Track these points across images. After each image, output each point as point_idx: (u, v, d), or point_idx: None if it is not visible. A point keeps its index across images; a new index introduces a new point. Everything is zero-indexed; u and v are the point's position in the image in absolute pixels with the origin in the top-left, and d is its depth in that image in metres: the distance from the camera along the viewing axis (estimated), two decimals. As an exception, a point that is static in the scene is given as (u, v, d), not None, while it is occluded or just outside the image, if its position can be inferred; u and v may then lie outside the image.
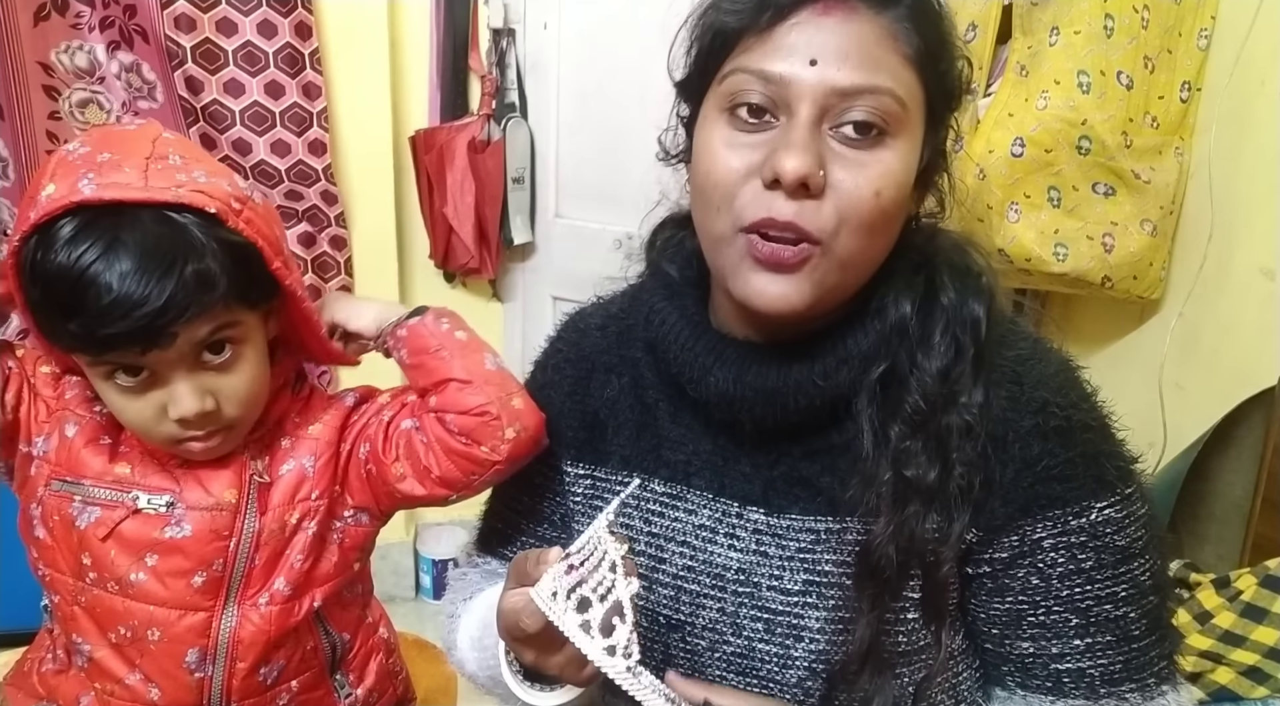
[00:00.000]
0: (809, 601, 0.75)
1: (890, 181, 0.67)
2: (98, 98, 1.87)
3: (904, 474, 0.71)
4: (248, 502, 0.89)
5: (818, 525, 0.75)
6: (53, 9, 1.78)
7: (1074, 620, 0.72)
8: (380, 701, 1.05)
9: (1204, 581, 1.40)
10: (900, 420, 0.72)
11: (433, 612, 2.34)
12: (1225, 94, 1.69)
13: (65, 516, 0.88)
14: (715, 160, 0.69)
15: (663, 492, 0.82)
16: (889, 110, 0.66)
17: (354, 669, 1.02)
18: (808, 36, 0.65)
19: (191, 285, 0.77)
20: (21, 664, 1.03)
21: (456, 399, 0.89)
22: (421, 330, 0.93)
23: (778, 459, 0.77)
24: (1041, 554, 0.72)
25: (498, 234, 2.16)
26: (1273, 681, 1.30)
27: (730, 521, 0.79)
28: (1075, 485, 0.70)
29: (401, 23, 2.06)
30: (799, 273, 0.68)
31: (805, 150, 0.65)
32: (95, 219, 0.76)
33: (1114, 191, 1.69)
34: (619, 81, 2.01)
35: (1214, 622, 1.34)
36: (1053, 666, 0.73)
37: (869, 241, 0.68)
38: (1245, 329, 1.65)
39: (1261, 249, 1.64)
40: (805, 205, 0.66)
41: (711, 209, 0.70)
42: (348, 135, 2.05)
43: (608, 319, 0.90)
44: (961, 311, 0.73)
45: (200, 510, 0.88)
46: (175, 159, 0.80)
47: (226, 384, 0.85)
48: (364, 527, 0.97)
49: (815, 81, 0.65)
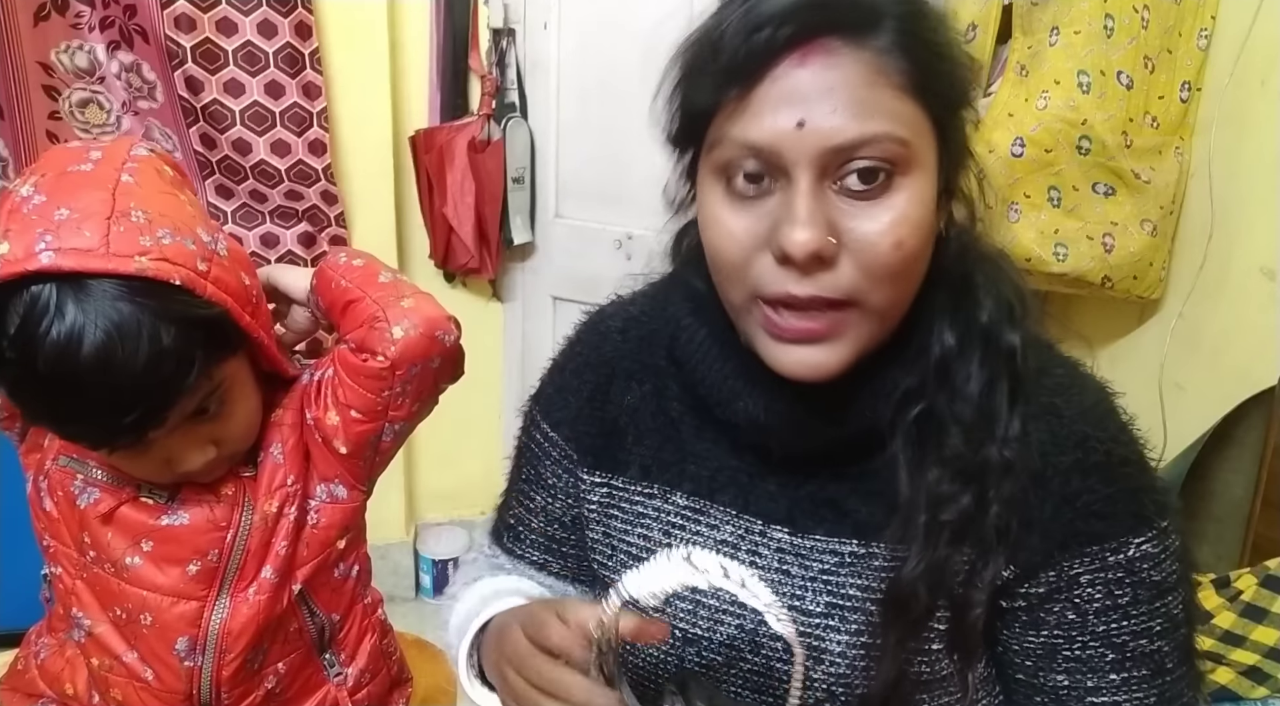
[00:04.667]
0: (830, 624, 0.73)
1: (908, 225, 0.63)
2: (98, 98, 1.87)
3: (939, 516, 0.68)
4: (244, 496, 0.90)
5: (842, 548, 0.73)
6: (53, 9, 1.78)
7: (1110, 655, 0.71)
8: (373, 681, 1.05)
9: (1204, 581, 1.40)
10: (938, 462, 0.69)
11: (433, 612, 2.34)
12: (1225, 94, 1.69)
13: (68, 493, 0.89)
14: (720, 234, 0.66)
15: (685, 506, 0.79)
16: (892, 154, 0.61)
17: (345, 648, 1.02)
18: (788, 93, 0.61)
19: (170, 376, 0.75)
20: (14, 664, 1.03)
21: (352, 316, 0.90)
22: (325, 270, 0.94)
23: (805, 479, 0.75)
24: (1079, 589, 0.70)
25: (498, 234, 2.16)
26: (1273, 681, 1.31)
27: (753, 539, 0.76)
28: (1115, 521, 0.69)
29: (401, 23, 2.06)
30: (835, 339, 0.65)
31: (810, 222, 0.61)
32: (56, 301, 0.72)
33: (1114, 191, 1.69)
34: (619, 81, 2.01)
35: (1214, 622, 1.34)
36: (1088, 700, 0.72)
37: (900, 289, 0.65)
38: (1245, 329, 1.66)
39: (1261, 249, 1.64)
40: (823, 276, 0.62)
41: (725, 279, 0.67)
42: (348, 135, 2.05)
43: (628, 322, 0.87)
44: (999, 340, 0.70)
45: (198, 501, 0.89)
46: (138, 215, 0.75)
47: (224, 430, 0.86)
48: (340, 504, 0.96)
49: (807, 143, 0.61)
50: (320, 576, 0.97)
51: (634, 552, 0.81)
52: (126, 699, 0.93)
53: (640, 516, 0.81)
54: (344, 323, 0.91)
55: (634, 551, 0.81)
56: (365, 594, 1.05)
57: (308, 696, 1.00)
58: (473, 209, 2.11)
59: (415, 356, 0.89)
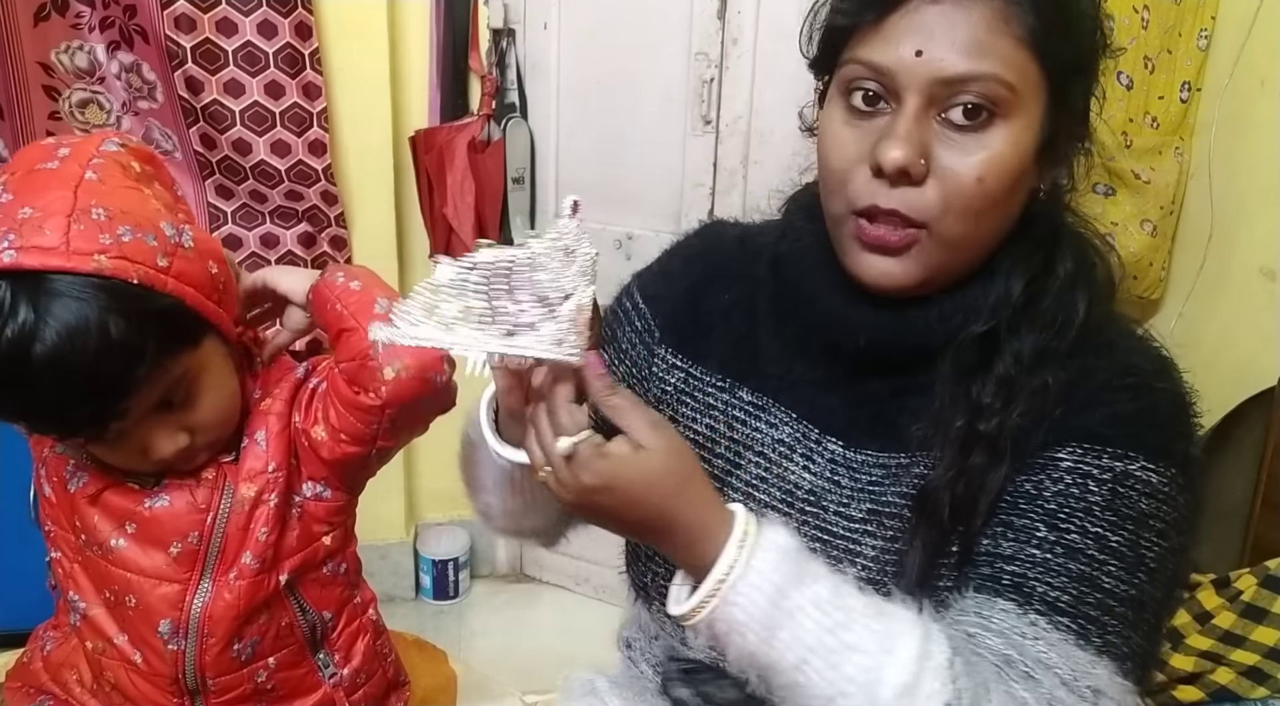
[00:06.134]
0: (869, 529, 0.77)
1: (996, 166, 0.68)
2: (98, 98, 1.87)
3: (976, 426, 0.72)
4: (224, 481, 0.92)
5: (890, 461, 0.77)
6: (53, 9, 1.78)
7: (1042, 531, 0.68)
8: (368, 683, 1.06)
9: (1204, 581, 1.41)
10: (985, 379, 0.73)
11: (433, 612, 2.34)
12: (1225, 94, 1.69)
13: (61, 477, 0.92)
14: (831, 145, 0.73)
15: (749, 401, 0.84)
16: (996, 95, 0.67)
17: (339, 648, 1.03)
18: (915, 25, 0.67)
19: (120, 370, 0.77)
20: (20, 657, 1.05)
21: (346, 347, 0.90)
22: (322, 289, 0.94)
23: (865, 399, 0.79)
24: (1051, 471, 0.70)
25: (498, 234, 2.16)
26: (1273, 681, 1.31)
27: (808, 445, 0.81)
28: (1129, 436, 0.69)
29: (401, 23, 2.06)
30: (905, 255, 0.71)
31: (906, 141, 0.67)
32: (10, 301, 0.74)
33: (1114, 191, 1.69)
34: (619, 81, 2.01)
35: (1214, 622, 1.35)
36: (997, 564, 0.69)
37: (975, 224, 0.70)
38: (1245, 329, 1.66)
39: (1261, 249, 1.64)
40: (908, 192, 0.69)
41: (828, 190, 0.74)
42: (348, 135, 2.05)
43: (745, 234, 0.92)
44: (1068, 296, 0.74)
45: (180, 485, 0.90)
46: (98, 213, 0.77)
47: (196, 418, 0.87)
48: (325, 502, 0.97)
49: (920, 71, 0.67)
50: (309, 572, 0.98)
51: (699, 441, 0.85)
52: (119, 682, 0.94)
53: (709, 408, 0.85)
54: (338, 350, 0.92)
55: (699, 440, 0.85)
56: (355, 593, 1.05)
57: (303, 696, 1.00)
58: (473, 209, 2.11)
59: (405, 397, 0.89)
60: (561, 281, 0.65)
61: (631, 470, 0.65)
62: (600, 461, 0.65)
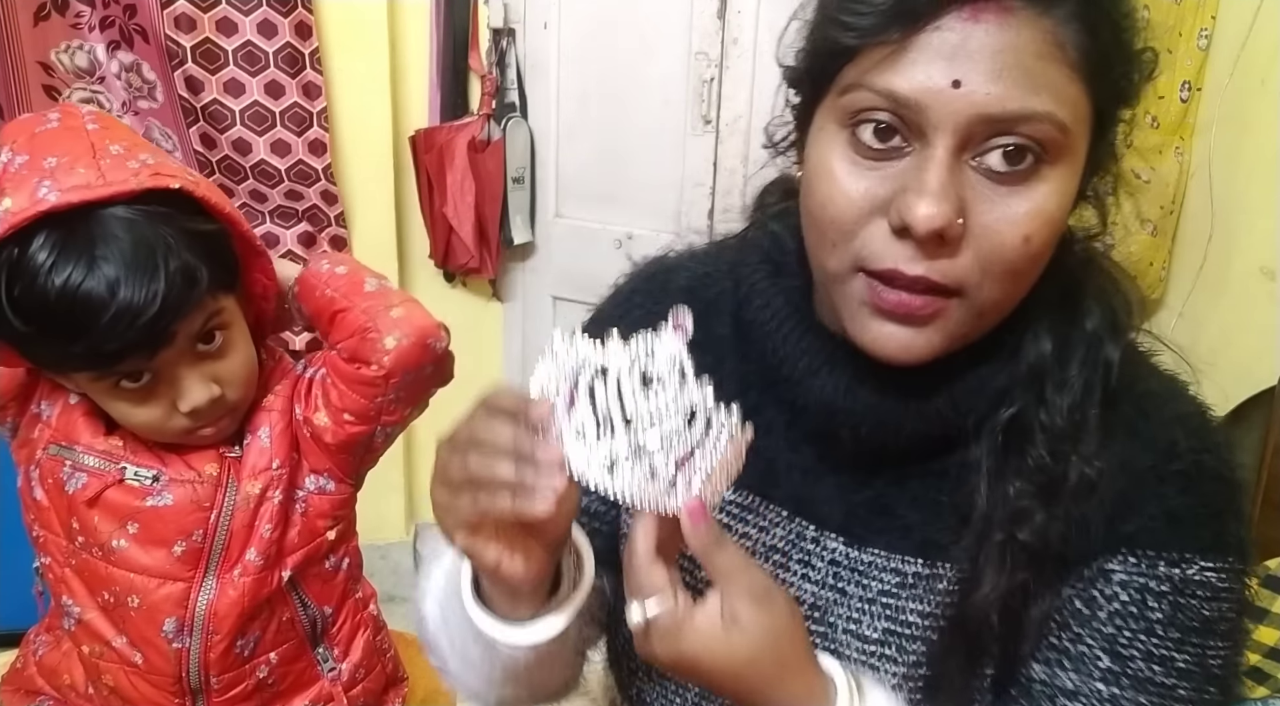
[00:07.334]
0: (887, 653, 0.67)
1: (1043, 222, 0.56)
2: (98, 98, 1.87)
3: (1017, 534, 0.61)
4: (227, 476, 0.92)
5: (905, 567, 0.66)
6: (53, 9, 1.78)
7: (1104, 661, 0.61)
8: (368, 677, 1.06)
9: (1204, 581, 1.40)
10: (1018, 474, 0.62)
11: (433, 612, 2.33)
12: (1225, 94, 1.69)
13: (57, 480, 0.92)
14: (833, 190, 0.58)
15: (733, 501, 0.71)
16: (1047, 137, 0.54)
17: (338, 643, 1.03)
18: (951, 48, 0.53)
19: (178, 281, 0.79)
20: (14, 663, 1.04)
21: (342, 326, 0.91)
22: (308, 279, 0.95)
23: (864, 483, 0.67)
24: (1103, 585, 0.61)
25: (498, 234, 2.16)
26: (1273, 681, 1.30)
27: (805, 547, 0.69)
28: (1183, 534, 0.61)
29: (401, 23, 2.06)
30: (929, 325, 0.58)
31: (942, 196, 0.53)
32: (65, 234, 0.77)
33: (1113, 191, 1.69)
34: (619, 81, 2.01)
35: (1214, 622, 1.34)
36: (1060, 701, 0.62)
37: (1014, 287, 0.59)
38: (1245, 329, 1.65)
39: (1261, 249, 1.64)
40: (939, 258, 0.55)
41: (826, 243, 0.59)
42: (348, 135, 2.05)
43: (694, 281, 0.76)
44: (1099, 350, 0.63)
45: (183, 482, 0.91)
46: (116, 149, 0.81)
47: (225, 368, 0.88)
48: (329, 495, 0.98)
49: (958, 106, 0.53)
50: (311, 567, 0.98)
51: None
52: (118, 684, 0.94)
53: None
54: (333, 332, 0.93)
55: None
56: (357, 588, 1.05)
57: (302, 690, 1.01)
58: (473, 209, 2.11)
59: (408, 365, 0.91)
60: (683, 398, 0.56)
61: (720, 654, 0.56)
62: (680, 640, 0.56)
